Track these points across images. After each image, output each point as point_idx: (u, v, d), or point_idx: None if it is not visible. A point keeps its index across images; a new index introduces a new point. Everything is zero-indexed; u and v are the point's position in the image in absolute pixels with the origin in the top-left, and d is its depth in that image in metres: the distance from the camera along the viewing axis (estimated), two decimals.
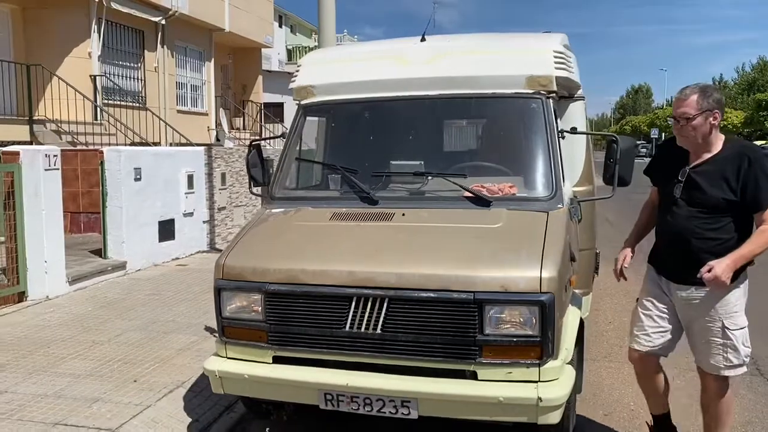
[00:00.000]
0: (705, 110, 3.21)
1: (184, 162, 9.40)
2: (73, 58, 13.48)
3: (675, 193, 3.42)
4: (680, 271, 3.43)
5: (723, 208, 3.25)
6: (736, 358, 3.34)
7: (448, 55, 4.35)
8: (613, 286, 7.94)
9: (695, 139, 3.28)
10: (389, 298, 3.31)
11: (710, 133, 3.27)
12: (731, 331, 3.32)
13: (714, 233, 3.29)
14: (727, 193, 3.22)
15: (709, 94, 3.24)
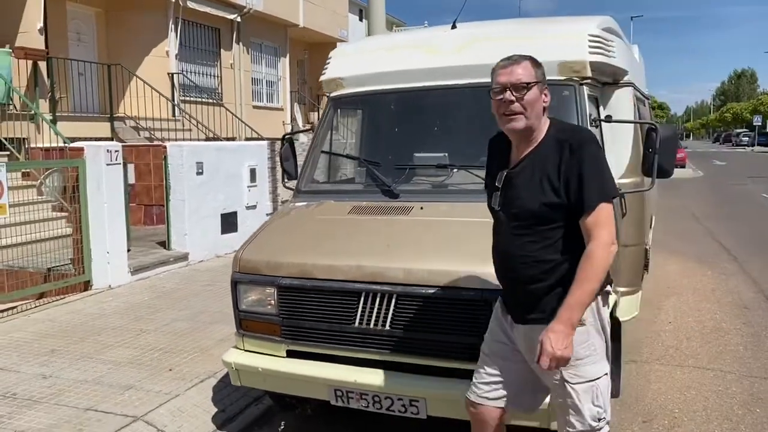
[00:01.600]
0: (539, 81, 2.47)
1: (247, 156, 9.60)
2: (151, 57, 14.05)
3: (494, 204, 2.60)
4: (513, 306, 2.63)
5: (547, 217, 2.41)
6: (579, 422, 2.49)
7: (477, 43, 4.19)
8: (682, 283, 7.53)
9: (529, 119, 2.44)
10: (397, 294, 3.24)
11: (543, 113, 2.49)
12: (571, 385, 2.47)
13: (542, 253, 2.43)
14: (549, 194, 2.38)
15: (538, 65, 2.53)
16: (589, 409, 2.48)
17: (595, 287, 2.34)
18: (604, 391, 2.52)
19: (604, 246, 2.31)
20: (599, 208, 2.33)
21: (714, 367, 4.91)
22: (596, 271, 2.31)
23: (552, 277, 2.43)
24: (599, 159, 2.42)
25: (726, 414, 4.11)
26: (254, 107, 17.52)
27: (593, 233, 2.33)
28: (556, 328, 2.32)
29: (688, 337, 5.64)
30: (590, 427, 2.49)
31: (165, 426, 3.82)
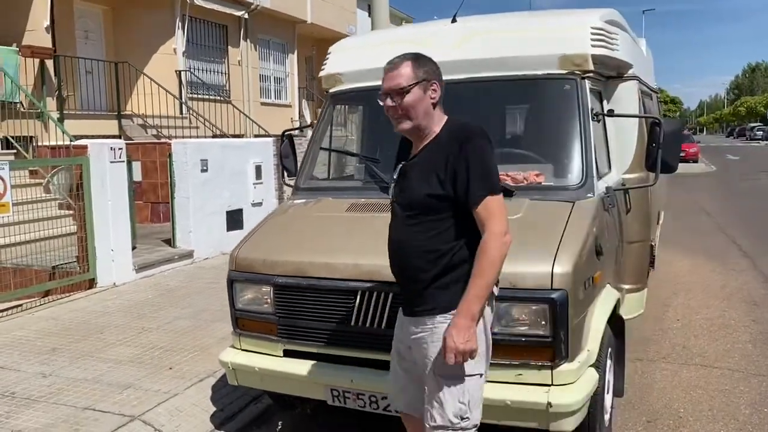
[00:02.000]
0: (422, 80, 2.46)
1: (252, 153, 9.58)
2: (159, 54, 14.07)
3: (390, 195, 2.66)
4: (403, 299, 2.61)
5: (433, 207, 2.42)
6: (439, 416, 2.43)
7: (477, 37, 4.13)
8: (691, 280, 7.43)
9: (415, 120, 2.48)
10: (393, 293, 3.17)
11: (432, 109, 2.50)
12: (440, 377, 2.43)
13: (429, 243, 2.44)
14: (434, 186, 2.40)
15: (423, 63, 2.51)
16: (453, 405, 2.43)
17: (491, 279, 2.36)
18: (473, 391, 2.46)
19: (496, 237, 2.34)
20: (487, 200, 2.36)
21: (721, 366, 4.82)
22: (491, 263, 2.34)
23: (436, 267, 2.43)
24: (486, 153, 2.42)
25: (733, 413, 4.03)
26: (262, 104, 17.50)
27: (486, 226, 2.35)
28: (457, 321, 2.33)
29: (695, 334, 5.55)
30: (450, 423, 2.43)
31: (162, 426, 3.79)
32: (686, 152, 30.58)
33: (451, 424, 2.43)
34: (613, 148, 4.39)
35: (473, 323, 2.33)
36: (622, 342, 3.97)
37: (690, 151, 30.73)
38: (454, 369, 2.39)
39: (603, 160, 4.17)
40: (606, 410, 3.59)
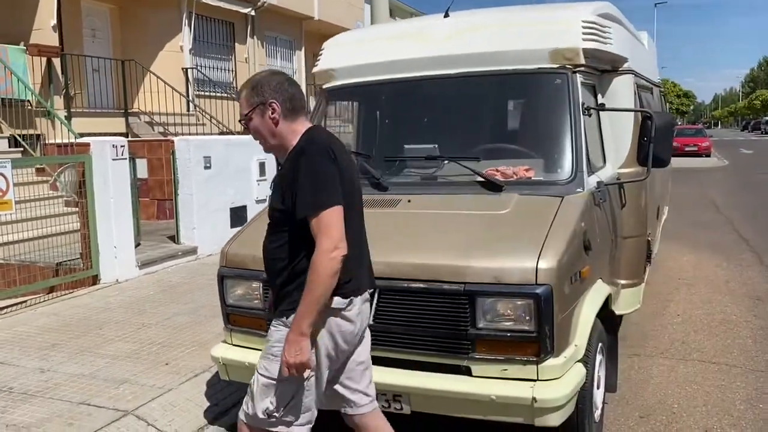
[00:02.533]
0: (257, 104, 2.53)
1: (256, 150, 9.54)
2: (165, 52, 14.14)
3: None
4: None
5: (279, 220, 2.54)
6: (250, 408, 2.57)
7: (469, 31, 4.13)
8: (695, 275, 7.38)
9: (265, 141, 2.59)
10: (380, 289, 3.18)
11: (276, 127, 2.54)
12: (259, 374, 2.56)
13: (277, 251, 2.57)
14: (277, 201, 2.52)
15: (259, 87, 2.54)
16: (263, 402, 2.53)
17: (319, 294, 2.38)
18: (284, 395, 2.53)
19: (323, 253, 2.36)
20: (319, 217, 2.38)
21: (719, 361, 4.79)
22: (318, 279, 2.36)
23: (281, 276, 2.56)
24: (316, 167, 2.43)
25: (727, 409, 4.01)
26: None
27: (316, 241, 2.38)
28: (288, 336, 2.43)
29: (695, 330, 5.52)
30: (258, 418, 2.54)
31: (155, 420, 3.82)
32: (698, 146, 30.36)
33: (258, 419, 2.56)
34: (608, 142, 4.37)
35: (302, 337, 2.40)
36: (615, 338, 3.95)
37: (702, 145, 30.47)
38: (272, 372, 2.52)
39: (597, 155, 4.15)
40: (596, 406, 3.57)
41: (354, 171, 2.64)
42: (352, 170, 2.61)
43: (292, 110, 2.55)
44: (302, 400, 2.55)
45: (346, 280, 2.49)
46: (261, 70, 13.05)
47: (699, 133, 33.41)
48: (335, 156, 2.46)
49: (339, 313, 2.52)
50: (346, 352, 2.63)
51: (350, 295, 2.53)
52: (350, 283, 2.53)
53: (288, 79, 2.62)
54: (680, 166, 23.96)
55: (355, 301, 2.57)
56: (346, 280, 2.49)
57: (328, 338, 2.53)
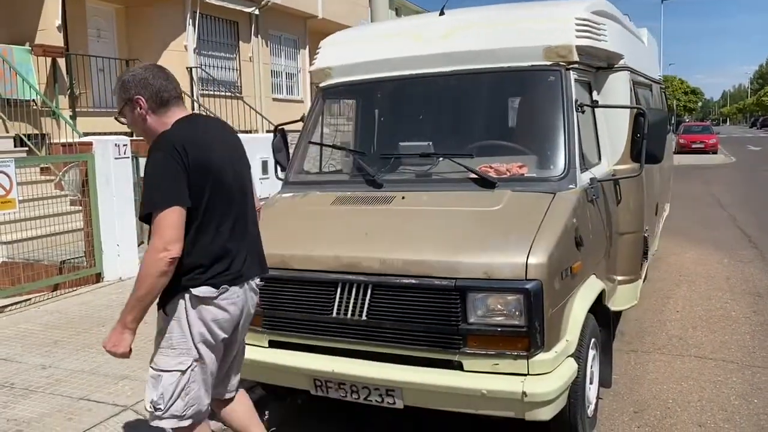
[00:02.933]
0: (126, 101, 2.56)
1: (258, 148, 9.63)
2: (170, 51, 14.18)
3: None
4: None
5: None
6: (149, 401, 2.57)
7: (464, 29, 4.15)
8: (696, 271, 7.38)
9: (143, 136, 2.64)
10: (373, 284, 3.22)
11: (146, 123, 2.58)
12: (150, 365, 2.59)
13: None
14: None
15: (126, 84, 2.56)
16: (150, 393, 2.56)
17: (144, 293, 2.39)
18: (167, 387, 2.53)
19: (151, 252, 2.39)
20: (155, 216, 2.39)
21: (716, 357, 4.80)
22: (144, 276, 2.39)
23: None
24: (155, 167, 2.44)
25: (722, 404, 4.02)
26: (274, 100, 17.58)
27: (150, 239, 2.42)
28: (114, 326, 2.48)
29: (694, 326, 5.52)
30: (153, 408, 2.56)
31: None
32: (705, 143, 30.27)
33: (148, 410, 2.59)
34: (604, 139, 4.39)
35: (125, 330, 2.45)
36: (608, 333, 3.97)
37: (709, 142, 30.36)
38: (157, 363, 2.56)
39: (592, 151, 4.17)
40: (589, 401, 3.60)
41: (226, 165, 2.61)
42: (217, 165, 2.56)
43: (161, 104, 2.57)
44: (189, 393, 2.56)
45: (221, 270, 2.54)
46: (266, 68, 12.90)
47: (706, 130, 33.28)
48: (184, 153, 2.43)
49: (211, 302, 2.54)
50: (225, 339, 2.65)
51: (223, 284, 2.55)
52: (225, 273, 2.56)
53: (155, 72, 2.60)
54: (687, 163, 23.97)
55: (232, 290, 2.59)
56: (220, 271, 2.54)
57: (202, 326, 2.54)
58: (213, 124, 2.81)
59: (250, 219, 2.77)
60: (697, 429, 3.72)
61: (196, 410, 2.60)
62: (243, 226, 2.70)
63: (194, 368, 2.56)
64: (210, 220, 2.52)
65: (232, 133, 2.86)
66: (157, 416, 2.56)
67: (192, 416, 2.60)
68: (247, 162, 2.86)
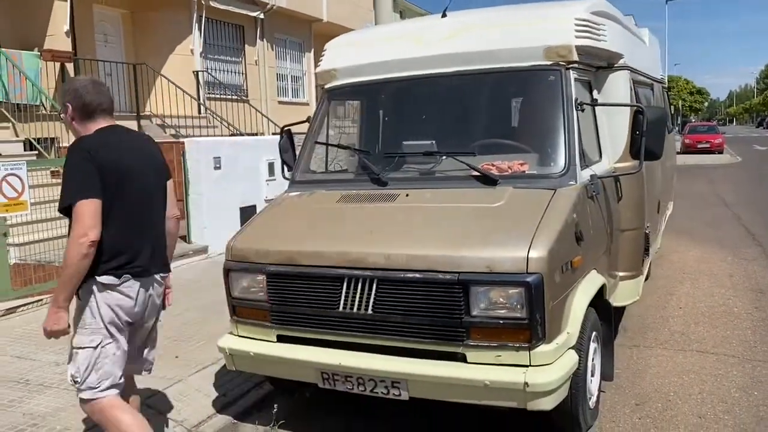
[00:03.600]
0: (63, 105, 3.03)
1: (265, 150, 9.76)
2: (176, 55, 14.33)
3: None
4: None
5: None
6: (69, 375, 2.95)
7: (466, 31, 4.24)
8: (699, 269, 7.44)
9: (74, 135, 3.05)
10: (378, 279, 3.31)
11: (74, 127, 3.00)
12: (71, 344, 2.98)
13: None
14: None
15: (65, 90, 3.05)
16: (70, 368, 2.95)
17: (70, 273, 2.74)
18: (82, 362, 2.90)
19: (73, 238, 2.72)
20: (74, 207, 2.76)
21: (717, 352, 4.86)
22: (69, 260, 2.73)
23: None
24: (68, 165, 2.84)
25: (722, 397, 4.09)
26: (279, 103, 17.71)
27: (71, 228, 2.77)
28: (49, 308, 2.85)
29: (696, 321, 5.59)
30: (72, 381, 2.94)
31: (166, 409, 3.97)
32: (711, 143, 30.25)
33: (70, 382, 2.97)
34: (605, 137, 4.47)
35: (59, 309, 2.82)
36: (610, 328, 4.04)
37: (715, 142, 30.34)
38: (74, 342, 2.95)
39: (593, 149, 4.26)
40: (591, 393, 3.67)
41: (134, 171, 2.96)
42: (124, 169, 2.90)
43: (86, 114, 2.96)
44: (101, 368, 2.90)
45: (123, 262, 2.89)
46: (271, 71, 13.03)
47: (712, 130, 33.27)
48: (96, 155, 2.80)
49: (114, 289, 2.90)
50: (133, 323, 3.01)
51: (125, 274, 2.90)
52: (127, 265, 2.91)
53: (89, 88, 2.98)
54: (692, 162, 23.98)
55: (134, 280, 2.94)
56: (123, 263, 2.89)
57: (108, 310, 2.90)
58: (130, 136, 3.17)
59: (156, 221, 3.11)
60: (697, 420, 3.80)
61: (109, 383, 2.93)
62: (148, 226, 3.05)
63: (104, 345, 2.91)
64: (115, 217, 2.86)
65: (153, 145, 3.25)
66: (77, 388, 2.93)
67: (106, 389, 2.92)
68: (163, 172, 3.20)
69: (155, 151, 3.19)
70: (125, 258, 2.90)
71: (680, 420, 3.81)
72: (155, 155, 3.17)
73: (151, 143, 3.26)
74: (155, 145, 3.25)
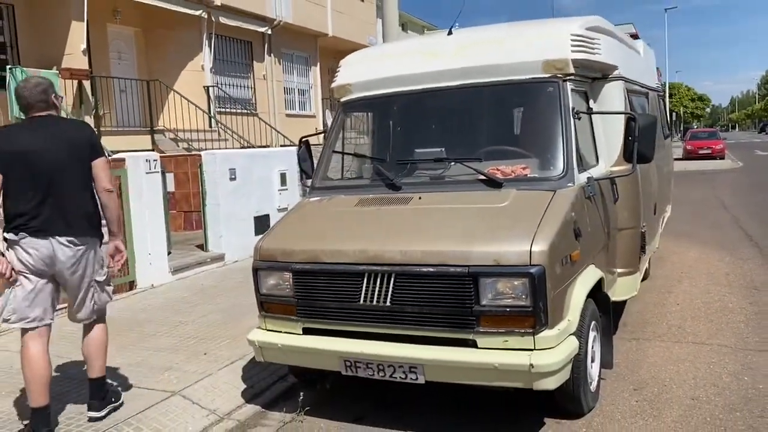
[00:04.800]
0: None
1: (277, 161, 10.13)
2: (188, 71, 14.78)
3: None
4: None
5: None
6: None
7: (471, 47, 4.59)
8: (697, 268, 7.74)
9: None
10: (395, 273, 3.64)
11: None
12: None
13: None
14: None
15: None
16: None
17: None
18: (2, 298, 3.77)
19: None
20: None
21: (712, 342, 5.17)
22: None
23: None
24: None
25: (714, 382, 4.40)
26: (287, 115, 18.14)
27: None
28: None
29: (692, 316, 5.90)
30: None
31: (199, 400, 4.30)
32: (712, 149, 30.55)
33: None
34: (601, 143, 4.81)
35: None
36: (609, 319, 4.36)
37: (716, 148, 30.64)
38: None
39: (590, 154, 4.60)
40: (592, 377, 4.00)
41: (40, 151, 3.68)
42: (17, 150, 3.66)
43: (25, 108, 3.79)
44: (12, 303, 3.72)
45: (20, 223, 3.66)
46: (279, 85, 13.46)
47: (713, 136, 33.58)
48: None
49: (15, 244, 3.70)
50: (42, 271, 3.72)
51: (21, 232, 3.67)
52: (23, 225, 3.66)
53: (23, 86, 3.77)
54: (694, 168, 24.28)
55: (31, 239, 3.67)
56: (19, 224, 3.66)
57: (15, 260, 3.70)
58: (48, 122, 3.79)
59: (63, 192, 3.74)
60: (690, 402, 4.11)
61: (19, 317, 3.73)
62: (51, 195, 3.70)
63: (18, 286, 3.72)
64: (10, 189, 3.68)
65: (78, 131, 3.89)
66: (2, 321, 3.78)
67: (17, 321, 3.74)
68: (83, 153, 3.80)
69: (77, 136, 3.83)
70: (22, 220, 3.67)
71: (675, 402, 4.12)
72: (74, 139, 3.80)
73: (76, 130, 3.91)
74: (81, 132, 3.91)
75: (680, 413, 3.96)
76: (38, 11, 12.04)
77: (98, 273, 3.95)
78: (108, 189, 3.88)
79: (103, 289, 4.03)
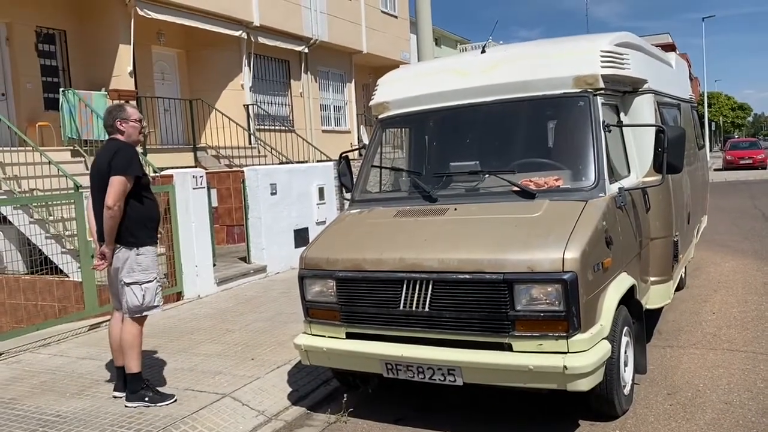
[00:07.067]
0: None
1: (315, 176, 10.44)
2: (228, 90, 15.27)
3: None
4: None
5: None
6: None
7: (503, 64, 4.79)
8: (734, 279, 7.76)
9: None
10: (433, 281, 3.85)
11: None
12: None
13: None
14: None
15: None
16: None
17: None
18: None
19: None
20: None
21: (747, 349, 5.24)
22: None
23: None
24: None
25: (748, 387, 4.48)
26: (323, 131, 18.53)
27: None
28: None
29: (728, 325, 5.95)
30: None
31: (248, 401, 4.55)
32: (753, 159, 30.08)
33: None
34: (632, 155, 4.96)
35: None
36: (642, 325, 4.49)
37: (757, 157, 30.18)
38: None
39: (622, 165, 4.75)
40: (625, 381, 4.13)
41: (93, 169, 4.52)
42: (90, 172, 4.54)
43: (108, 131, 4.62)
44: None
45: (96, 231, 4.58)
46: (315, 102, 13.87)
47: (754, 146, 33.07)
48: None
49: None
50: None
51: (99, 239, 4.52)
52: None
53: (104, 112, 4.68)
54: (734, 178, 23.94)
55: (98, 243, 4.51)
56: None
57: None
58: (106, 145, 4.56)
59: (99, 208, 4.35)
60: (723, 406, 4.20)
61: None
62: (98, 211, 4.39)
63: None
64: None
65: (103, 154, 4.46)
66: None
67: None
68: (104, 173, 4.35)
69: (104, 155, 4.41)
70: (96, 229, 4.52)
71: (708, 406, 4.22)
72: (102, 158, 4.42)
73: (105, 151, 4.47)
74: (107, 152, 4.41)
75: (713, 416, 4.07)
76: (88, 36, 12.64)
77: (127, 275, 4.42)
78: (108, 206, 4.30)
79: (132, 291, 4.45)
